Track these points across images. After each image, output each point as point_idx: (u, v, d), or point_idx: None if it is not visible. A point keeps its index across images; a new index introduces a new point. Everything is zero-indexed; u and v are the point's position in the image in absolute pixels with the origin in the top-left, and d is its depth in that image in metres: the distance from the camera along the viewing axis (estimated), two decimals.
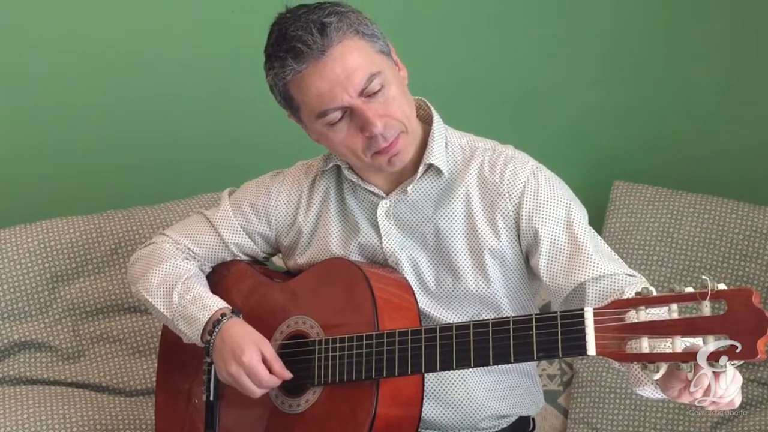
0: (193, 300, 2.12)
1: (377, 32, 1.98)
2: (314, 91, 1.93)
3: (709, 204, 2.83)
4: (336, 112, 1.94)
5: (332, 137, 1.98)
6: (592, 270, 1.93)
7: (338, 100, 1.92)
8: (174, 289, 2.15)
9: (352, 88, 1.91)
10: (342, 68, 1.91)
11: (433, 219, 2.05)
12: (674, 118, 3.10)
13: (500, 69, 3.09)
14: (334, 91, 1.92)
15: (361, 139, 1.96)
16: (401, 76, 2.02)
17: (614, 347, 1.62)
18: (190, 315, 2.10)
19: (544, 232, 1.98)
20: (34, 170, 2.97)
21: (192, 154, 3.03)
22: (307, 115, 1.99)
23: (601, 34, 3.09)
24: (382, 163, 1.99)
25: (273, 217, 2.19)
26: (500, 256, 2.03)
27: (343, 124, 1.96)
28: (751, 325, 1.51)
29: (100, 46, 2.95)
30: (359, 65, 1.92)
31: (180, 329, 2.13)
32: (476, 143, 2.09)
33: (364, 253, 2.11)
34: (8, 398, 2.60)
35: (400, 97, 1.97)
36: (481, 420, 2.07)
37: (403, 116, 1.97)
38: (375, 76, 1.92)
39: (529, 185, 2.01)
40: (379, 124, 1.93)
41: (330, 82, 1.91)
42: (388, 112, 1.94)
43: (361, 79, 1.91)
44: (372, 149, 1.96)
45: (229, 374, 2.02)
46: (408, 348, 1.87)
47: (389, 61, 1.99)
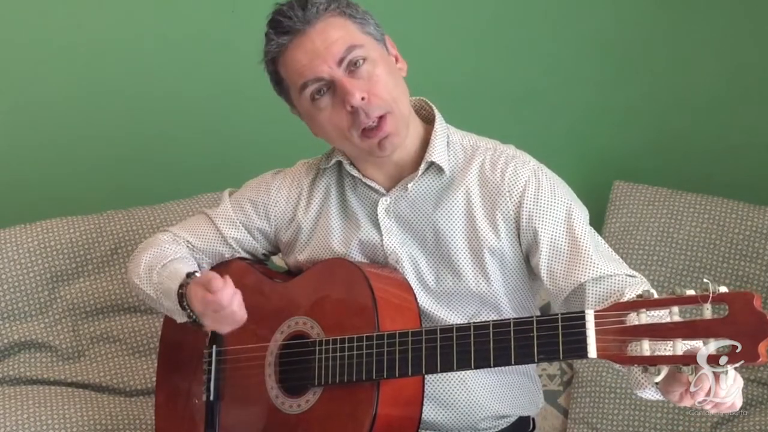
0: (169, 275, 2.13)
1: (368, 18, 2.01)
2: (296, 63, 1.96)
3: (709, 204, 2.83)
4: (316, 83, 1.96)
5: (318, 116, 1.99)
6: (592, 271, 1.93)
7: (317, 71, 1.95)
8: (154, 269, 2.17)
9: (331, 57, 1.94)
10: (321, 40, 1.94)
11: (432, 217, 2.05)
12: (674, 118, 3.10)
13: (500, 69, 3.09)
14: (314, 63, 1.94)
15: (344, 115, 1.96)
16: (395, 66, 2.03)
17: (615, 350, 1.62)
18: (167, 288, 2.12)
19: (544, 233, 1.99)
20: (34, 170, 2.97)
21: (192, 154, 3.03)
22: (294, 93, 2.01)
23: (601, 34, 3.09)
24: (373, 146, 1.99)
25: (272, 213, 2.20)
26: (500, 254, 2.03)
27: (326, 99, 1.97)
28: (752, 328, 1.51)
29: (100, 46, 2.95)
30: (339, 37, 1.95)
31: (166, 306, 2.14)
32: (478, 142, 2.09)
33: (365, 250, 2.11)
34: (8, 398, 2.60)
35: (386, 78, 1.97)
36: (481, 420, 2.07)
37: (389, 96, 1.97)
38: (355, 48, 1.95)
39: (530, 185, 2.01)
40: (358, 94, 1.93)
41: (310, 53, 1.94)
42: (371, 90, 1.95)
43: (339, 48, 1.94)
44: (357, 126, 1.96)
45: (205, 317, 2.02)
46: (408, 349, 1.87)
47: (379, 45, 2.01)
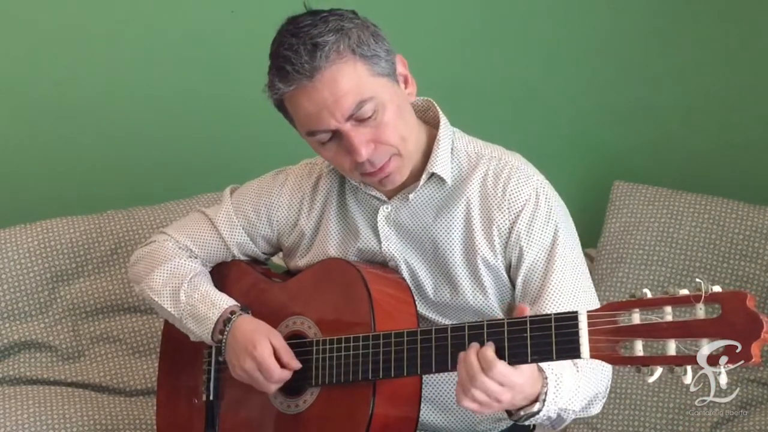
0: (201, 298, 2.11)
1: (380, 52, 1.90)
2: (303, 111, 1.89)
3: (709, 204, 2.83)
4: (323, 134, 1.91)
5: (323, 154, 1.97)
6: (553, 308, 1.91)
7: (325, 124, 1.88)
8: (180, 288, 2.14)
9: (340, 113, 1.86)
10: (330, 92, 1.85)
11: (432, 228, 2.04)
12: (674, 118, 3.10)
13: (500, 69, 3.09)
14: (321, 115, 1.87)
15: (348, 161, 1.93)
16: (404, 95, 1.96)
17: (608, 350, 1.61)
18: (199, 314, 2.10)
19: (528, 256, 1.97)
20: (34, 170, 2.97)
21: (192, 154, 3.02)
22: (300, 130, 1.97)
23: (600, 35, 3.08)
24: (373, 183, 1.98)
25: (275, 217, 2.19)
26: (495, 269, 2.01)
27: (332, 144, 1.93)
28: (745, 328, 1.50)
29: (100, 46, 2.95)
30: (349, 90, 1.85)
31: (188, 328, 2.13)
32: (483, 150, 2.05)
33: (363, 258, 2.09)
34: (8, 398, 2.60)
35: (395, 121, 1.91)
36: (480, 422, 2.07)
37: (397, 140, 1.92)
38: (366, 102, 1.87)
39: (528, 205, 1.98)
40: (364, 152, 1.88)
41: (318, 105, 1.86)
42: (379, 138, 1.90)
43: (350, 104, 1.86)
44: (360, 171, 1.94)
45: (244, 371, 2.01)
46: (404, 349, 1.86)
47: (389, 82, 1.91)
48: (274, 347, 2.00)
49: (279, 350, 2.00)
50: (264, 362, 1.98)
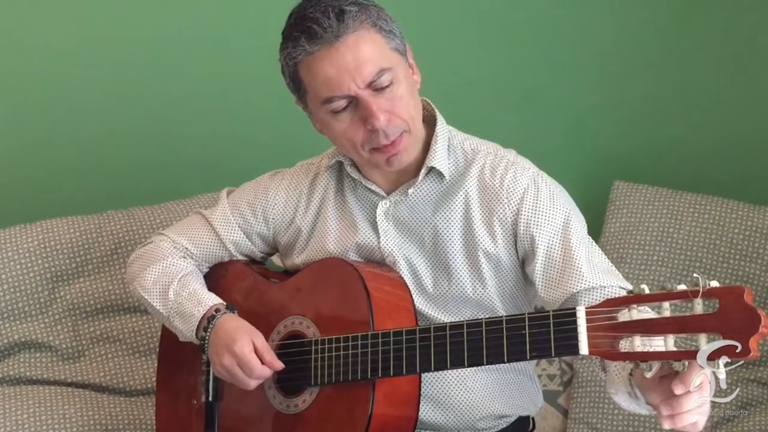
0: (188, 296, 2.12)
1: (396, 30, 1.97)
2: (323, 75, 1.92)
3: (709, 204, 2.83)
4: (341, 100, 1.93)
5: (334, 126, 1.97)
6: (582, 283, 1.93)
7: (345, 88, 1.91)
8: (170, 286, 2.15)
9: (360, 78, 1.90)
10: (353, 56, 1.90)
11: (431, 221, 2.05)
12: (674, 118, 3.09)
13: (500, 69, 3.09)
14: (342, 79, 1.90)
15: (362, 132, 1.95)
16: (413, 80, 2.01)
17: (607, 346, 1.62)
18: (186, 311, 2.11)
19: (541, 241, 1.98)
20: (34, 170, 2.97)
21: (192, 154, 3.03)
22: (313, 100, 1.98)
23: (600, 35, 3.08)
24: (380, 160, 1.99)
25: (271, 216, 2.19)
26: (496, 260, 2.02)
27: (346, 114, 1.95)
28: (743, 322, 1.50)
29: (100, 46, 2.95)
30: (371, 57, 1.91)
31: (175, 326, 2.13)
32: (479, 146, 2.08)
33: (362, 253, 2.10)
34: (8, 398, 2.60)
35: (407, 98, 1.96)
36: (480, 420, 2.07)
37: (408, 116, 1.96)
38: (385, 71, 1.92)
39: (528, 192, 2.00)
40: (382, 118, 1.92)
41: (339, 68, 1.90)
42: (393, 110, 1.93)
43: (371, 71, 1.90)
44: (372, 144, 1.96)
45: (223, 367, 2.02)
46: (403, 348, 1.86)
47: (403, 60, 1.98)
48: (255, 347, 2.00)
49: (260, 350, 2.00)
50: (244, 357, 1.99)
